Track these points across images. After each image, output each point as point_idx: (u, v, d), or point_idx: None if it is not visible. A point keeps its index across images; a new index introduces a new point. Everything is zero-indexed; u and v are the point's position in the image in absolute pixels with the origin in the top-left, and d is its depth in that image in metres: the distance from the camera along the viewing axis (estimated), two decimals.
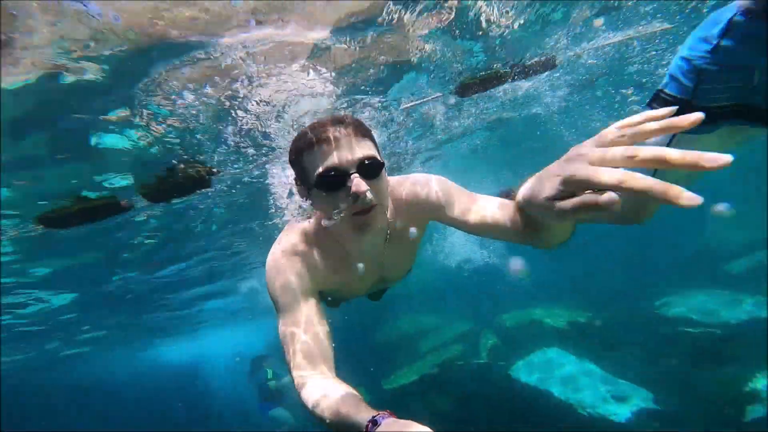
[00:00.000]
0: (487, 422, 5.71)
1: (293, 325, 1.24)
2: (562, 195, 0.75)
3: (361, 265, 1.43)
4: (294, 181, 1.33)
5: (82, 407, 23.63)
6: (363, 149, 1.17)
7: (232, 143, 3.96)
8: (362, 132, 1.21)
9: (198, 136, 3.60)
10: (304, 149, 1.18)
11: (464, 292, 13.49)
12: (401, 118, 4.89)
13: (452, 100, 4.78)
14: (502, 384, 6.80)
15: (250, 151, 4.16)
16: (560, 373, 6.61)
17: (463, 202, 1.38)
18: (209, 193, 4.67)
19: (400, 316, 11.36)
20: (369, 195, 1.15)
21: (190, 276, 8.84)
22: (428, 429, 0.76)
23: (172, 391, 21.60)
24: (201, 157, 3.96)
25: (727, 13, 1.07)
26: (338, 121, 1.18)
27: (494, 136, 7.31)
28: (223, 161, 4.28)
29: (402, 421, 0.81)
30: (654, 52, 4.92)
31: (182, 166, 2.80)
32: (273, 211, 5.64)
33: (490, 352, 8.34)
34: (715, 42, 1.07)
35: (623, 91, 6.25)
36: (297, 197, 1.52)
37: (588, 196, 0.67)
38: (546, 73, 3.95)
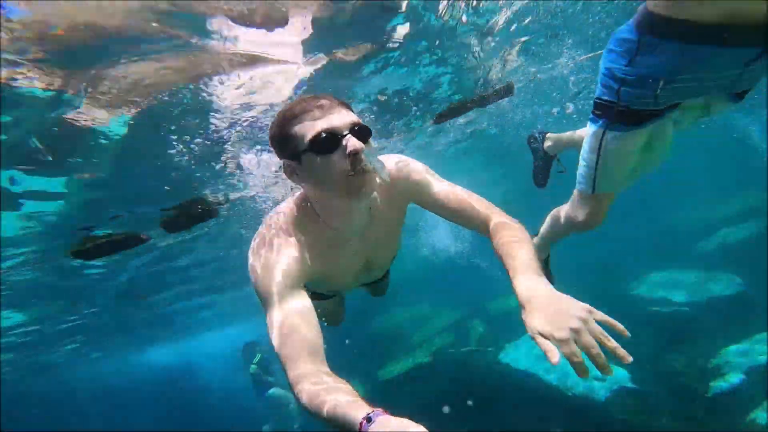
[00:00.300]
0: (479, 407, 6.04)
1: (282, 319, 1.20)
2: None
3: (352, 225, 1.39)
4: (278, 155, 1.30)
5: (78, 409, 23.50)
6: (351, 116, 1.21)
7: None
8: (346, 105, 1.25)
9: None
10: (292, 119, 1.19)
11: (450, 281, 13.82)
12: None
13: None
14: (492, 369, 7.15)
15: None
16: (545, 356, 6.99)
17: (442, 187, 1.48)
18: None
19: (392, 307, 11.60)
20: (365, 156, 1.17)
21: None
22: (423, 428, 0.77)
23: (168, 391, 21.70)
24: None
25: (634, 33, 1.33)
26: (322, 96, 1.22)
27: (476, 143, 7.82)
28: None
29: (396, 419, 0.81)
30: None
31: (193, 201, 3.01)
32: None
33: (480, 339, 8.70)
34: (629, 58, 1.35)
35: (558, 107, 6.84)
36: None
37: (550, 352, 0.95)
38: (506, 98, 4.34)
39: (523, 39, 4.03)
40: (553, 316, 0.99)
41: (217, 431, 12.93)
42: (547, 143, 2.75)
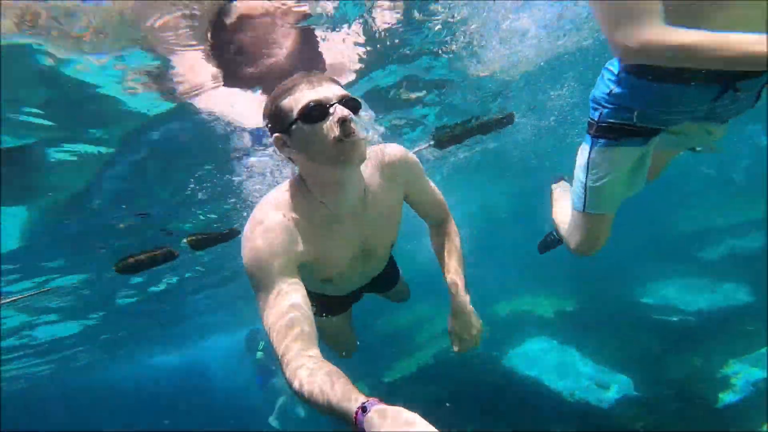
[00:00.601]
0: (481, 410, 6.00)
1: (276, 305, 1.18)
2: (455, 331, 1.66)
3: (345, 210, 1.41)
4: (270, 131, 1.31)
5: (84, 410, 23.69)
6: (340, 90, 1.24)
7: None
8: (336, 81, 1.28)
9: None
10: (282, 94, 1.23)
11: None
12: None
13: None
14: (496, 373, 7.10)
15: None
16: (549, 362, 6.96)
17: (429, 182, 1.69)
18: None
19: (395, 309, 11.56)
20: (353, 124, 1.19)
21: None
22: (417, 415, 0.79)
23: (177, 392, 21.81)
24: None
25: (617, 67, 1.52)
26: (312, 73, 1.26)
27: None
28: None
29: (391, 407, 0.83)
30: None
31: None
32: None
33: (484, 342, 8.62)
34: (610, 88, 1.55)
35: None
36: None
37: (455, 345, 1.69)
38: (506, 127, 4.45)
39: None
40: (467, 326, 1.65)
41: (221, 431, 12.95)
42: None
